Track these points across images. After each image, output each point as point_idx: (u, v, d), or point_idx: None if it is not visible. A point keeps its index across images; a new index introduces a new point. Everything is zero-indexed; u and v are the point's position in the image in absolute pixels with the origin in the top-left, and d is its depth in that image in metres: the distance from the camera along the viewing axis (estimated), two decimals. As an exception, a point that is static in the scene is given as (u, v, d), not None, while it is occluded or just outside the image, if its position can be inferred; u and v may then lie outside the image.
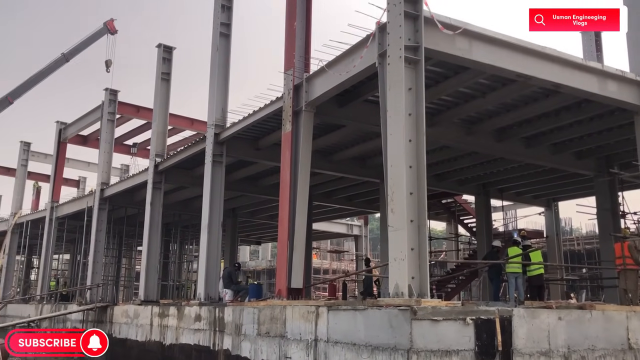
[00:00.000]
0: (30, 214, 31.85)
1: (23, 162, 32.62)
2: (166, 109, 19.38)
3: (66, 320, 22.41)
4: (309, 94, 11.84)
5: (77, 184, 39.10)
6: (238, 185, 20.34)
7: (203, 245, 14.98)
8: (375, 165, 17.61)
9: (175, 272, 29.03)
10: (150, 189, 18.53)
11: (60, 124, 28.22)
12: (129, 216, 24.79)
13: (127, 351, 17.22)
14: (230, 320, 12.18)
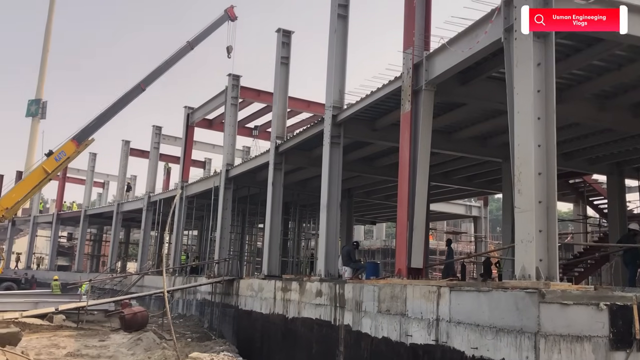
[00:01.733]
0: (163, 192, 34.49)
1: (155, 145, 35.23)
2: (285, 93, 19.97)
3: (196, 292, 24.12)
4: (429, 72, 11.68)
5: (204, 165, 41.56)
6: (354, 165, 20.59)
7: (322, 224, 15.41)
8: (498, 144, 17.00)
9: (294, 249, 30.08)
10: (271, 170, 19.29)
11: (188, 109, 30.06)
12: (252, 195, 26.00)
13: (252, 322, 18.24)
14: (351, 297, 12.48)
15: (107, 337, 17.47)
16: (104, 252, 48.94)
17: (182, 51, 41.06)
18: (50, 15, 70.66)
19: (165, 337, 17.36)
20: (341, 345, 12.77)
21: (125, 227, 44.13)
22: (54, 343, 15.24)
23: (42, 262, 51.30)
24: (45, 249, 52.73)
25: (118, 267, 39.36)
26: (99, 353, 14.38)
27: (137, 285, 30.09)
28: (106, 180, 50.76)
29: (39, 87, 69.83)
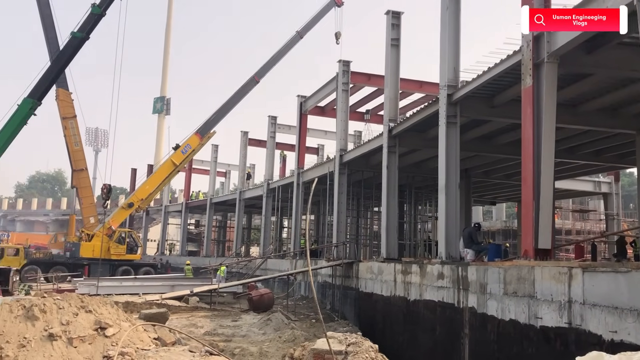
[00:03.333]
0: (281, 179, 35.76)
1: (271, 134, 36.52)
2: (397, 75, 19.84)
3: (317, 274, 24.87)
4: (551, 44, 11.07)
5: (317, 151, 42.44)
6: (471, 145, 20.03)
7: (441, 206, 15.25)
8: (630, 115, 15.80)
9: (410, 231, 29.96)
10: (385, 153, 19.33)
11: (301, 98, 30.80)
12: (366, 179, 26.21)
13: (372, 304, 18.53)
14: (474, 279, 12.29)
15: (238, 318, 18.59)
16: (229, 238, 51.74)
17: (292, 41, 42.05)
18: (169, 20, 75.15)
19: (291, 317, 18.15)
20: (466, 328, 12.65)
21: (247, 213, 46.28)
22: (192, 323, 16.50)
23: (174, 248, 55.27)
24: (176, 235, 56.76)
25: (242, 251, 41.44)
26: (233, 332, 15.38)
27: (261, 269, 31.57)
28: (227, 169, 53.46)
29: (162, 85, 74.75)
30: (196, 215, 56.19)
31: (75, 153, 38.62)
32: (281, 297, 24.52)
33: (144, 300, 20.70)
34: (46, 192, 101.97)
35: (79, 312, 9.21)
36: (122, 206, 39.20)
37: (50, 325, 8.78)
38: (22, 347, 8.36)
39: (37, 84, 33.04)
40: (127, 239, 36.83)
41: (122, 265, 35.09)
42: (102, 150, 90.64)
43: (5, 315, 8.80)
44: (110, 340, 9.01)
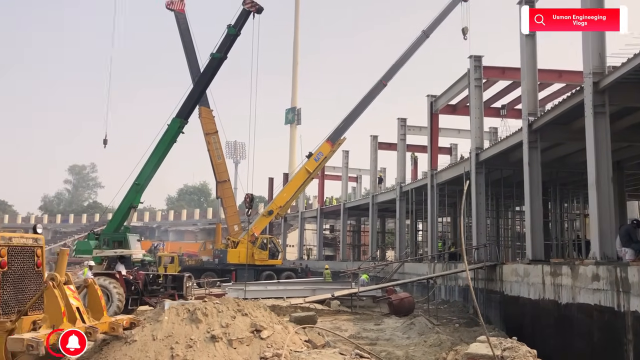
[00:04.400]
0: (413, 182, 35.47)
1: (401, 136, 36.37)
2: (534, 66, 18.87)
3: (457, 278, 24.30)
4: None
5: (450, 151, 41.53)
6: (623, 135, 18.45)
7: (592, 202, 14.22)
8: None
9: (556, 231, 28.23)
10: (526, 149, 18.44)
11: (431, 97, 30.36)
12: (505, 178, 25.16)
13: (519, 308, 17.72)
14: (637, 281, 11.31)
15: (381, 321, 18.71)
16: (364, 242, 52.25)
17: (419, 41, 41.65)
18: (296, 31, 77.87)
19: (434, 322, 17.90)
20: (629, 333, 11.68)
21: (380, 217, 46.45)
22: (336, 326, 16.90)
23: (311, 252, 56.97)
24: (312, 240, 58.45)
25: (378, 255, 41.66)
26: (377, 336, 15.53)
27: (398, 272, 31.50)
28: (358, 174, 54.09)
29: (293, 96, 77.57)
30: (330, 221, 57.48)
31: (219, 166, 41.36)
32: (421, 301, 24.28)
33: (289, 304, 21.56)
34: (193, 203, 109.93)
35: (236, 316, 9.85)
36: (263, 214, 41.20)
37: (212, 328, 9.49)
38: (189, 348, 9.12)
39: (183, 104, 35.88)
40: (268, 244, 38.63)
41: (265, 270, 36.85)
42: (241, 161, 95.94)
43: (173, 318, 9.67)
44: (266, 342, 9.54)
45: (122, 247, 30.71)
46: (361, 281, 26.94)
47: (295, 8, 77.69)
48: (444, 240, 33.46)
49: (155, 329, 9.34)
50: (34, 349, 7.45)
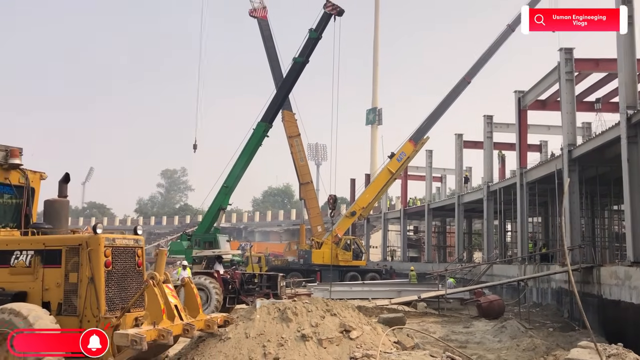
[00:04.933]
0: (501, 181, 34.34)
1: (488, 134, 35.29)
2: (632, 56, 17.74)
3: (550, 280, 23.27)
4: None
5: (539, 149, 39.87)
6: None
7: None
8: None
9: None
10: (624, 144, 17.35)
11: (519, 93, 29.28)
12: (601, 175, 23.83)
13: (620, 313, 16.70)
14: None
15: (470, 324, 18.27)
16: (449, 243, 51.21)
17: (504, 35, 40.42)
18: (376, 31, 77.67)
19: (525, 325, 17.24)
20: None
21: (467, 217, 45.34)
22: (424, 328, 16.65)
23: (395, 254, 56.50)
24: (396, 241, 57.97)
25: (464, 256, 40.69)
26: (466, 339, 15.18)
27: (486, 274, 30.62)
28: (443, 174, 53.05)
29: (374, 97, 77.42)
30: (414, 222, 56.76)
31: (301, 168, 42.01)
32: (511, 304, 23.46)
33: (374, 305, 21.52)
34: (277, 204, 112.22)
35: (325, 315, 9.96)
36: (346, 215, 41.39)
37: (302, 327, 9.64)
38: (281, 346, 9.32)
39: (267, 109, 36.79)
40: (352, 245, 38.73)
41: (349, 271, 36.97)
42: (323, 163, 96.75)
43: (265, 317, 9.92)
44: (355, 343, 9.57)
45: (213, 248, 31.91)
46: (448, 284, 26.43)
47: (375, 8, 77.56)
48: (534, 241, 32.17)
49: (247, 327, 9.62)
50: (138, 344, 7.89)
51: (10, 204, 10.54)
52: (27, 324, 8.01)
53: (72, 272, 9.02)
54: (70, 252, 9.10)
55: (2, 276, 9.40)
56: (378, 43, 77.56)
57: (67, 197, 10.82)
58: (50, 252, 9.22)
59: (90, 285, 8.79)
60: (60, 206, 10.55)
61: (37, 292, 9.11)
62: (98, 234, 9.01)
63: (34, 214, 10.96)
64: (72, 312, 8.90)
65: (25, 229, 10.17)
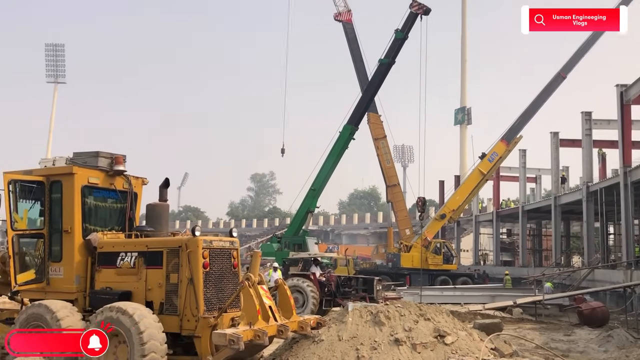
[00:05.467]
0: (602, 181, 32.34)
1: (587, 131, 33.38)
2: None
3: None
4: None
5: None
6: None
7: None
8: None
9: None
10: None
11: (621, 87, 27.51)
12: None
13: None
14: None
15: (571, 332, 17.29)
16: (545, 247, 48.92)
17: (603, 27, 38.02)
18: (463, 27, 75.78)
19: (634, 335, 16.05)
20: None
21: (564, 219, 43.13)
22: (520, 335, 15.95)
23: (487, 258, 54.66)
24: (488, 245, 56.10)
25: (562, 261, 38.69)
26: (568, 347, 14.36)
27: (586, 280, 28.95)
28: (537, 174, 50.75)
29: (462, 96, 75.46)
30: (507, 224, 54.71)
31: (388, 170, 41.68)
32: (616, 311, 21.95)
33: (467, 310, 20.90)
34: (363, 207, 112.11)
35: (418, 320, 9.77)
36: (435, 218, 40.60)
37: (395, 331, 9.51)
38: (374, 350, 9.24)
39: (353, 111, 36.86)
40: (442, 249, 37.91)
41: (439, 275, 36.20)
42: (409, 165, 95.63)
43: (357, 320, 9.88)
44: (450, 348, 9.32)
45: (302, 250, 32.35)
46: (546, 289, 25.19)
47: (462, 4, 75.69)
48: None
49: (340, 330, 9.63)
50: (235, 344, 8.10)
51: (116, 208, 11.18)
52: (132, 322, 8.44)
53: (172, 273, 9.42)
54: (170, 253, 9.51)
55: (109, 276, 9.99)
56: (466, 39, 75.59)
57: (167, 201, 11.32)
58: (152, 254, 9.69)
59: (190, 285, 9.14)
60: (161, 210, 11.05)
61: (141, 291, 9.59)
62: (196, 236, 9.36)
63: (137, 217, 11.57)
64: (173, 311, 9.30)
65: (129, 231, 10.75)
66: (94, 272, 10.18)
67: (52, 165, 10.78)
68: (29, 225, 10.62)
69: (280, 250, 35.95)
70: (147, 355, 8.25)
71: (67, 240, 10.20)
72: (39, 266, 10.38)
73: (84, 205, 10.39)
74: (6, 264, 10.56)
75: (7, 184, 10.17)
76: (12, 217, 10.21)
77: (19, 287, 10.18)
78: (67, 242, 10.21)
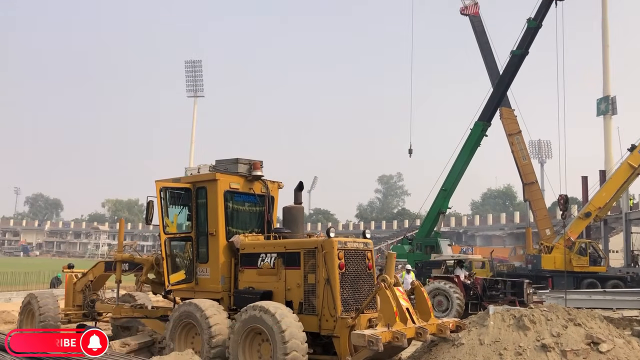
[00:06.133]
0: None
1: None
2: None
3: None
4: None
5: None
6: None
7: None
8: None
9: None
10: None
11: None
12: None
13: None
14: None
15: None
16: None
17: None
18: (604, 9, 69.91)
19: None
20: None
21: None
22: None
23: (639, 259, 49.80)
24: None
25: None
26: None
27: None
28: None
29: (605, 84, 69.59)
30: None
31: (524, 167, 39.54)
32: None
33: (621, 316, 19.14)
34: (498, 207, 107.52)
35: (567, 325, 9.09)
36: (579, 216, 37.75)
37: (541, 336, 8.93)
38: (519, 355, 8.74)
39: (484, 107, 35.50)
40: (588, 250, 35.14)
41: (586, 277, 33.56)
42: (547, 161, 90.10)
43: (499, 324, 9.42)
44: (606, 357, 8.55)
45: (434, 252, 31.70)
46: None
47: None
48: None
49: (481, 334, 9.23)
50: (374, 345, 8.07)
51: (255, 212, 11.71)
52: (274, 320, 8.73)
53: (310, 274, 9.64)
54: (307, 254, 9.74)
55: (251, 276, 10.46)
56: (607, 22, 69.62)
57: (301, 203, 11.65)
58: (290, 255, 10.00)
59: (327, 286, 9.29)
60: (297, 212, 11.39)
61: (281, 291, 9.92)
62: (331, 238, 9.49)
63: (274, 219, 12.02)
64: (311, 311, 9.50)
65: (268, 233, 11.19)
66: (237, 273, 10.72)
67: (197, 172, 11.52)
68: (179, 229, 11.46)
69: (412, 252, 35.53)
70: (289, 353, 8.49)
71: (213, 242, 10.85)
72: (188, 267, 11.14)
73: (227, 209, 11.00)
74: (160, 265, 11.47)
75: (159, 191, 11.03)
76: (164, 222, 11.06)
77: (172, 286, 10.98)
78: (212, 245, 10.87)
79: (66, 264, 17.25)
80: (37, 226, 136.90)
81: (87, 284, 13.78)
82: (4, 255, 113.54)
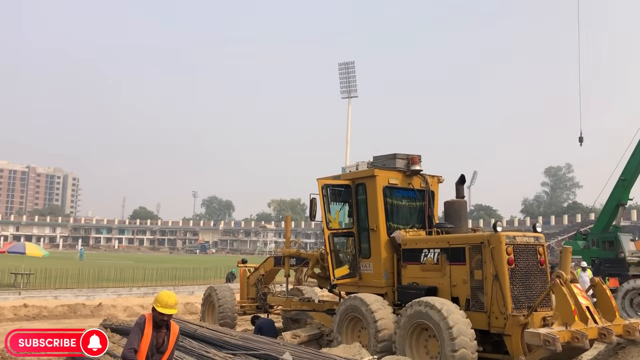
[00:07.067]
0: None
1: None
2: None
3: None
4: None
5: None
6: None
7: None
8: None
9: None
10: None
11: None
12: None
13: None
14: None
15: None
16: None
17: None
18: None
19: None
20: None
21: None
22: None
23: None
24: None
25: None
26: None
27: None
28: None
29: None
30: None
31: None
32: None
33: None
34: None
35: None
36: None
37: None
38: None
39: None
40: None
41: None
42: None
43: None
44: None
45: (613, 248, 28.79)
46: None
47: None
48: None
49: (680, 338, 8.18)
50: (551, 345, 7.51)
51: (415, 207, 11.55)
52: (441, 316, 8.52)
53: (476, 270, 9.26)
54: (473, 250, 9.37)
55: (414, 272, 10.33)
56: None
57: (464, 197, 11.24)
58: (454, 250, 9.69)
59: (495, 282, 8.85)
60: (459, 206, 11.02)
61: (446, 287, 9.66)
62: (498, 232, 9.03)
63: (435, 214, 11.76)
64: (479, 308, 9.12)
65: (429, 228, 10.97)
66: (400, 268, 10.66)
67: (355, 169, 11.67)
68: (340, 225, 11.70)
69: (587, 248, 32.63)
70: (458, 350, 8.23)
71: (374, 238, 10.92)
72: (352, 262, 11.33)
73: (386, 204, 10.99)
74: (324, 260, 11.81)
75: (321, 189, 11.36)
76: (327, 218, 11.37)
77: (337, 281, 11.25)
78: (374, 240, 10.94)
79: (240, 260, 18.49)
80: (213, 226, 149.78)
81: (259, 278, 14.67)
82: (185, 253, 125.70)
